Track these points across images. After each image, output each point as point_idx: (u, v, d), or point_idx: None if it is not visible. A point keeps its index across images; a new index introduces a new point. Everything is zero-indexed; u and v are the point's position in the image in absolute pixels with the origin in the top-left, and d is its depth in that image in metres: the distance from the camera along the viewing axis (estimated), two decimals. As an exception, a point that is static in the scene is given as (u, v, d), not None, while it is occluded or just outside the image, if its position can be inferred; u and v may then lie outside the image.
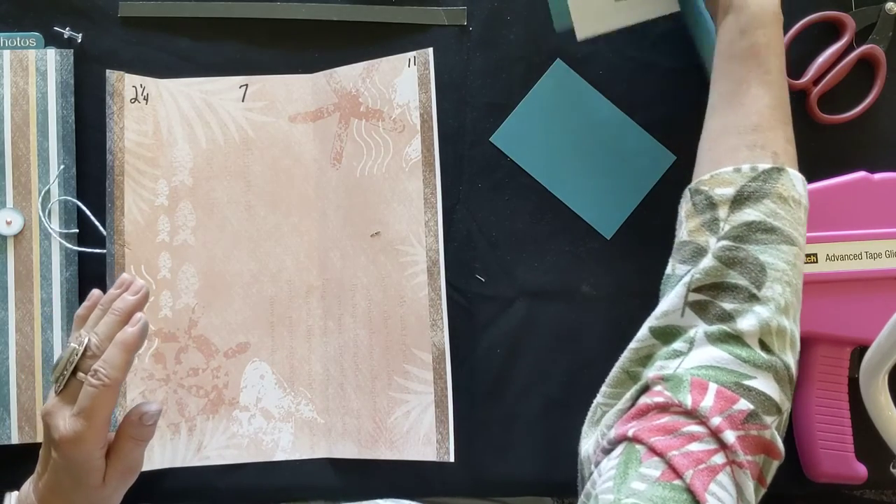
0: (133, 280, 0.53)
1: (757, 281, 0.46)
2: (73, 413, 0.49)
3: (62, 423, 0.49)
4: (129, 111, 0.64)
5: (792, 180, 0.48)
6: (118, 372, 0.49)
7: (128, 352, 0.50)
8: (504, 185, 0.65)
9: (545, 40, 0.66)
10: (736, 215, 0.48)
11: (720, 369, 0.44)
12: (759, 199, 0.47)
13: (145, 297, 0.53)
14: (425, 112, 0.62)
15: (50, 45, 0.64)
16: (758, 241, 0.47)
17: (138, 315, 0.52)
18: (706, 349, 0.46)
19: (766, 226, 0.47)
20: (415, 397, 0.61)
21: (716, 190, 0.49)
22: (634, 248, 0.65)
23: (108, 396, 0.49)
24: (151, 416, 0.53)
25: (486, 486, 0.64)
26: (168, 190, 0.64)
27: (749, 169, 0.48)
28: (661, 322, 0.49)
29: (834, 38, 0.65)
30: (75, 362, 0.50)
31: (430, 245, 0.61)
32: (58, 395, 0.50)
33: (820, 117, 0.64)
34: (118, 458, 0.52)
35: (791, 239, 0.47)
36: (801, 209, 0.48)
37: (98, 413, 0.49)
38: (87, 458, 0.50)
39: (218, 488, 0.63)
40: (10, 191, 0.63)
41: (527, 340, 0.64)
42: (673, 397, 0.44)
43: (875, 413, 0.51)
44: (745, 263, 0.46)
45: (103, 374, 0.49)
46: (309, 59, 0.66)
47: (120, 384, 0.50)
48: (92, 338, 0.51)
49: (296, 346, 0.64)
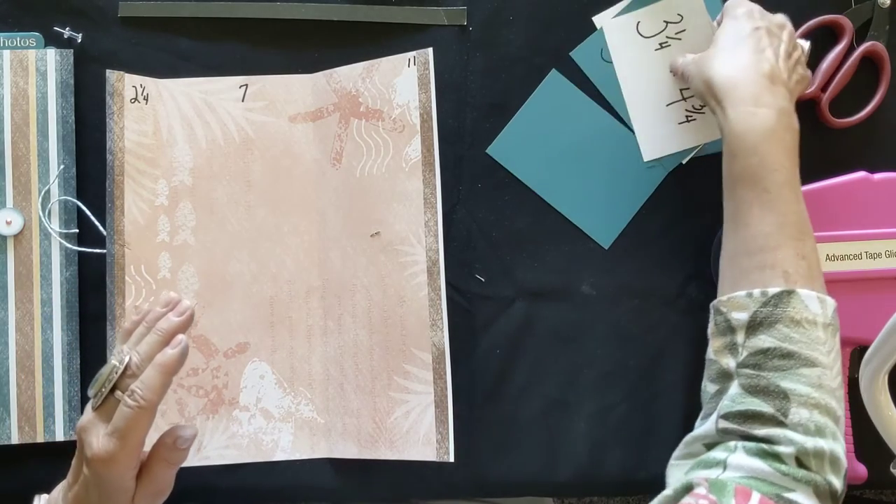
0: (180, 300, 0.53)
1: (782, 409, 0.46)
2: (107, 432, 0.49)
3: (96, 441, 0.49)
4: (129, 111, 0.64)
5: (804, 301, 0.48)
6: (154, 394, 0.49)
7: (166, 374, 0.50)
8: (504, 185, 0.65)
9: (545, 41, 0.66)
10: (752, 341, 0.48)
11: (761, 480, 0.45)
12: (771, 324, 0.48)
13: (190, 318, 0.52)
14: (425, 112, 0.62)
15: (50, 45, 0.64)
16: (776, 368, 0.47)
17: (179, 337, 0.51)
18: (746, 460, 0.46)
19: (782, 351, 0.47)
20: (415, 397, 0.61)
21: (732, 314, 0.50)
22: (634, 249, 0.65)
23: (143, 418, 0.49)
24: (186, 440, 0.53)
25: (486, 486, 0.64)
26: (168, 190, 0.64)
27: (759, 294, 0.49)
28: (701, 437, 0.50)
29: (833, 40, 0.65)
30: (114, 380, 0.50)
31: (430, 245, 0.61)
32: (94, 411, 0.50)
33: (834, 123, 0.64)
34: (149, 480, 0.52)
35: (811, 361, 0.47)
36: (817, 328, 0.48)
37: (132, 435, 0.49)
38: (119, 478, 0.50)
39: (218, 488, 0.63)
40: (10, 191, 0.63)
41: (527, 340, 0.64)
42: (718, 502, 0.44)
43: (875, 413, 0.51)
44: (767, 392, 0.47)
45: (139, 395, 0.49)
46: (309, 59, 0.66)
47: (156, 406, 0.50)
48: (133, 356, 0.51)
49: (296, 346, 0.64)
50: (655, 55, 0.64)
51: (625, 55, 0.64)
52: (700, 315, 0.64)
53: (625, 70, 0.64)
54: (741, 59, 0.55)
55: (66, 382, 0.62)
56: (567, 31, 0.66)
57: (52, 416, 0.61)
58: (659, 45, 0.64)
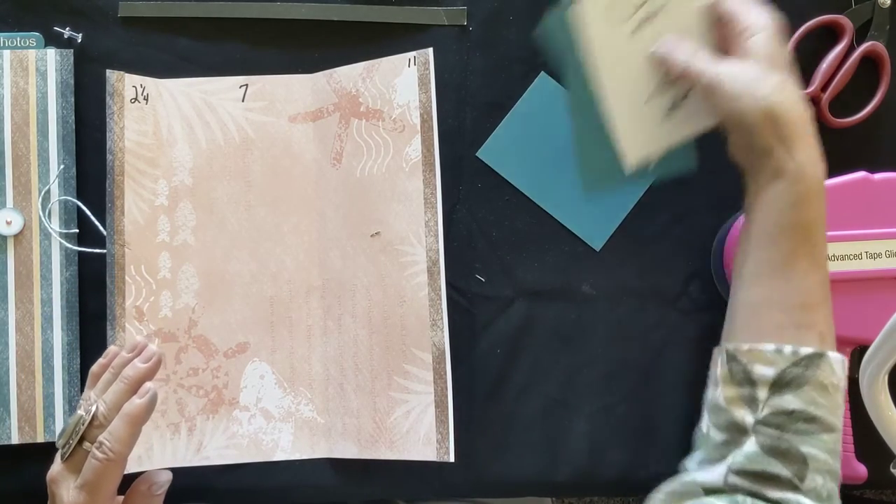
0: (146, 345, 0.52)
1: (799, 473, 0.46)
2: (77, 485, 0.48)
3: (66, 494, 0.49)
4: (129, 111, 0.64)
5: (832, 366, 0.47)
6: (123, 446, 0.49)
7: (133, 425, 0.49)
8: (504, 185, 0.65)
9: (545, 40, 0.66)
10: (776, 399, 0.47)
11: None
12: (800, 385, 0.47)
13: (157, 364, 0.52)
14: (425, 112, 0.62)
15: (50, 45, 0.64)
16: (799, 432, 0.46)
17: (147, 385, 0.51)
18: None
19: (808, 415, 0.46)
20: (415, 397, 0.61)
21: (756, 366, 0.48)
22: (635, 249, 0.65)
23: (112, 470, 0.49)
24: (161, 485, 0.53)
25: (486, 486, 0.64)
26: (168, 190, 0.64)
27: (791, 352, 0.47)
28: (704, 483, 0.48)
29: (833, 40, 0.65)
30: (81, 431, 0.49)
31: (430, 245, 0.61)
32: (63, 462, 0.50)
33: (833, 122, 0.64)
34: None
35: (831, 426, 0.47)
36: (839, 393, 0.48)
37: (102, 487, 0.48)
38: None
39: (218, 488, 0.63)
40: (10, 191, 0.63)
41: (527, 340, 0.64)
42: None
43: (875, 413, 0.51)
44: (787, 455, 0.46)
45: (108, 447, 0.48)
46: (309, 59, 0.66)
47: (126, 457, 0.49)
48: (100, 406, 0.50)
49: (296, 346, 0.64)
50: (631, 40, 0.55)
51: (596, 42, 0.55)
52: (700, 315, 0.65)
53: (597, 59, 0.56)
54: (795, 88, 0.49)
55: (66, 382, 0.62)
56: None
57: (52, 416, 0.61)
58: (636, 27, 0.55)
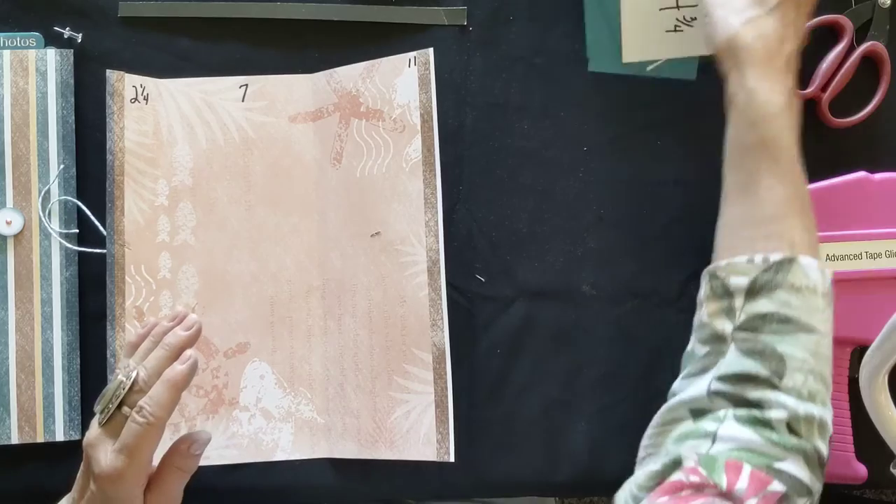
0: (187, 314, 0.53)
1: (778, 371, 0.46)
2: (115, 448, 0.48)
3: (104, 457, 0.48)
4: (129, 111, 0.64)
5: (804, 270, 0.48)
6: (163, 411, 0.49)
7: (175, 390, 0.49)
8: (504, 185, 0.65)
9: (545, 41, 0.66)
10: (750, 306, 0.48)
11: (752, 451, 0.45)
12: (771, 290, 0.48)
13: (198, 332, 0.52)
14: (425, 112, 0.62)
15: (50, 45, 0.64)
16: (774, 332, 0.47)
17: (189, 352, 0.51)
18: (736, 430, 0.46)
19: (781, 316, 0.47)
20: (415, 397, 0.61)
21: (731, 279, 0.49)
22: (634, 249, 0.65)
23: (152, 435, 0.49)
24: (201, 445, 0.52)
25: (487, 486, 0.64)
26: (168, 190, 0.64)
27: (761, 260, 0.48)
28: (691, 406, 0.49)
29: (833, 40, 0.65)
30: (121, 396, 0.49)
31: (430, 245, 0.61)
32: (101, 427, 0.50)
33: (833, 122, 0.64)
34: (160, 492, 0.51)
35: (809, 327, 0.47)
36: (816, 296, 0.48)
37: (141, 451, 0.48)
38: (127, 495, 0.49)
39: (218, 488, 0.63)
40: (10, 191, 0.63)
41: (527, 340, 0.64)
42: (708, 478, 0.44)
43: (875, 413, 0.51)
44: (763, 354, 0.47)
45: (148, 411, 0.48)
46: (309, 59, 0.66)
47: (165, 422, 0.49)
48: (140, 371, 0.50)
49: (296, 346, 0.64)
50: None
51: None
52: (700, 315, 0.65)
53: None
54: (770, 26, 0.53)
55: (66, 382, 0.62)
56: (567, 30, 0.66)
57: (52, 416, 0.61)
58: None
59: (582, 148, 0.66)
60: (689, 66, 0.65)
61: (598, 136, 0.65)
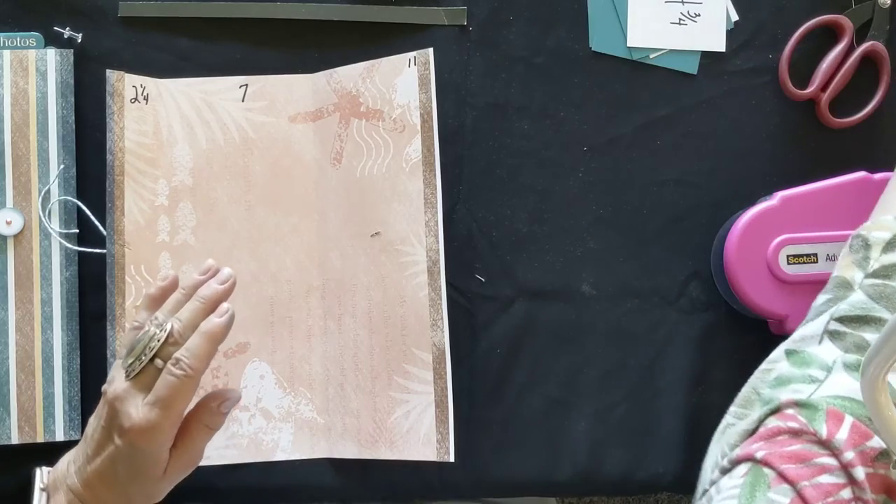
0: (220, 268, 0.51)
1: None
2: (148, 401, 0.47)
3: (135, 410, 0.46)
4: (129, 111, 0.64)
5: None
6: (201, 363, 0.47)
7: (213, 342, 0.48)
8: (504, 185, 0.65)
9: (545, 41, 0.66)
10: (886, 256, 0.48)
11: (856, 402, 0.43)
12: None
13: (232, 286, 0.51)
14: (426, 112, 0.62)
15: (50, 45, 0.64)
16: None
17: (225, 305, 0.50)
18: (843, 378, 0.44)
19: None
20: (415, 397, 0.60)
21: (872, 233, 0.49)
22: (634, 249, 0.65)
23: (188, 388, 0.47)
24: (231, 403, 0.51)
25: (486, 486, 0.64)
26: (168, 190, 0.64)
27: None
28: (797, 346, 0.48)
29: (833, 40, 0.65)
30: (155, 348, 0.47)
31: (430, 245, 0.61)
32: (129, 381, 0.48)
33: (834, 123, 0.64)
34: (185, 449, 0.50)
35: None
36: None
37: (176, 404, 0.47)
38: (157, 449, 0.48)
39: (218, 488, 0.63)
40: (10, 191, 0.63)
41: (527, 340, 0.64)
42: (808, 424, 0.43)
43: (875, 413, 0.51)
44: (891, 298, 0.46)
45: (186, 364, 0.47)
46: (309, 59, 0.66)
47: (201, 376, 0.48)
48: (174, 324, 0.48)
49: (296, 346, 0.64)
50: None
51: None
52: (700, 315, 0.65)
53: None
54: None
55: (66, 382, 0.62)
56: (567, 30, 0.66)
57: (52, 416, 0.61)
58: None
59: (582, 148, 0.66)
60: (691, 59, 0.65)
61: (598, 136, 0.66)
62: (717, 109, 0.66)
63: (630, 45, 0.65)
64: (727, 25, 0.65)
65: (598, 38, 0.65)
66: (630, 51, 0.65)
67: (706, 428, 0.64)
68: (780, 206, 0.60)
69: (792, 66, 0.64)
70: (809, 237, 0.60)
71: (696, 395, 0.64)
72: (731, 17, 0.65)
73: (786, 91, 0.64)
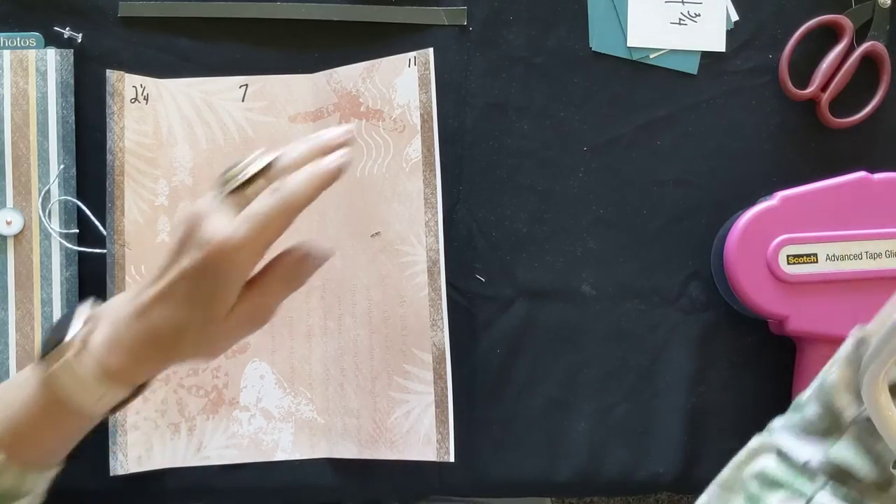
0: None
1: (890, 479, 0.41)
2: (241, 216, 0.41)
3: (223, 222, 0.41)
4: (129, 111, 0.64)
5: None
6: (301, 199, 0.41)
7: (318, 184, 0.42)
8: (504, 185, 0.65)
9: (545, 41, 0.66)
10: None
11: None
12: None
13: (351, 135, 0.44)
14: (426, 112, 0.62)
15: (50, 45, 0.64)
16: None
17: (342, 150, 0.43)
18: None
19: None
20: (415, 397, 0.61)
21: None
22: (634, 249, 0.65)
23: (284, 215, 0.41)
24: (317, 260, 0.45)
25: (486, 486, 0.64)
26: (168, 190, 0.64)
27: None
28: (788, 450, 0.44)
29: (833, 40, 0.65)
30: (258, 168, 0.42)
31: (430, 245, 0.61)
32: (221, 198, 0.42)
33: (834, 123, 0.64)
34: (255, 297, 0.44)
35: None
36: None
37: (269, 226, 0.41)
38: (235, 272, 0.42)
39: (218, 488, 0.63)
40: (10, 191, 0.63)
41: (527, 340, 0.64)
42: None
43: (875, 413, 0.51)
44: (880, 459, 0.42)
45: (288, 191, 0.41)
46: (309, 59, 0.66)
47: (297, 215, 0.42)
48: (281, 157, 0.43)
49: (296, 346, 0.64)
50: None
51: None
52: (700, 315, 0.65)
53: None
54: None
55: (66, 382, 0.62)
56: (567, 30, 0.66)
57: (52, 416, 0.61)
58: None
59: (582, 148, 0.66)
60: (691, 59, 0.65)
61: (598, 136, 0.66)
62: (717, 109, 0.66)
63: (630, 45, 0.65)
64: (727, 25, 0.65)
65: (598, 38, 0.66)
66: (630, 51, 0.65)
67: (706, 428, 0.64)
68: (780, 206, 0.60)
69: (792, 66, 0.64)
70: (809, 237, 0.60)
71: (696, 395, 0.64)
72: (731, 17, 0.65)
73: (786, 91, 0.64)
